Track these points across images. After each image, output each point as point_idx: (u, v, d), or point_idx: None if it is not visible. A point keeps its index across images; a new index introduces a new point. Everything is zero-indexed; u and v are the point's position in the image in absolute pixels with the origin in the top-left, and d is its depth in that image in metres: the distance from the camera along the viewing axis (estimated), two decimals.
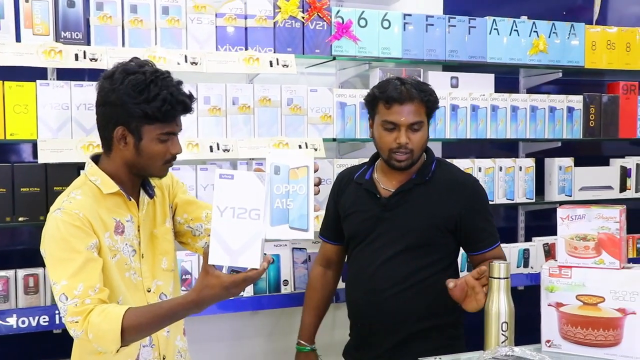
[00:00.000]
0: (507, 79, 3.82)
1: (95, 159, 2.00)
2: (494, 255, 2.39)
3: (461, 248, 2.49)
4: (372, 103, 2.38)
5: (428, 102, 2.33)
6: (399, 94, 2.29)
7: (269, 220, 1.64)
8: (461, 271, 2.52)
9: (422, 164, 2.42)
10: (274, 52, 3.07)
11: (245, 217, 1.58)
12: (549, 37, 3.61)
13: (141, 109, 1.83)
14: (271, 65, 2.99)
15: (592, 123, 3.73)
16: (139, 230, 1.98)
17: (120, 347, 1.75)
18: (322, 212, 2.69)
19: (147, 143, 1.89)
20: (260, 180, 1.59)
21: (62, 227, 1.81)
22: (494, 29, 3.50)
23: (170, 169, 2.04)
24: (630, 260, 2.28)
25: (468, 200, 2.38)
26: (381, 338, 2.35)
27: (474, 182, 2.48)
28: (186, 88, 1.95)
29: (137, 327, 1.76)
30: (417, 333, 2.33)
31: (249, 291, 2.97)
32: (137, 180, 1.99)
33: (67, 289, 1.77)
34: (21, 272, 2.74)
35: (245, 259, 1.59)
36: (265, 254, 1.65)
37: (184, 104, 1.89)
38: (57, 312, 2.67)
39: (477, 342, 2.10)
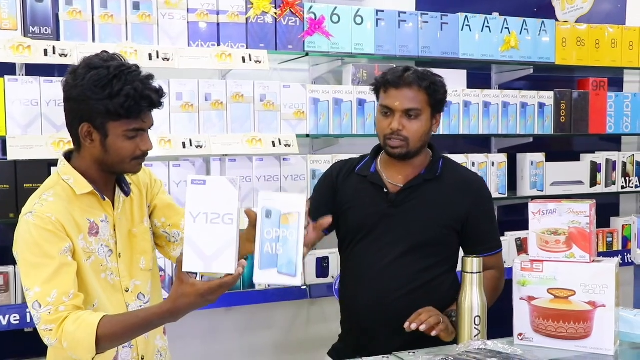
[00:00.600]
0: (479, 75, 3.85)
1: (68, 155, 1.95)
2: (492, 261, 2.36)
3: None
4: (376, 89, 2.33)
5: (428, 89, 2.24)
6: (396, 78, 2.24)
7: (257, 263, 1.63)
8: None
9: (429, 160, 2.37)
10: (247, 48, 3.06)
11: (219, 222, 1.56)
12: (520, 33, 3.65)
13: (103, 105, 1.77)
14: (244, 61, 2.98)
15: (563, 119, 3.78)
16: (114, 230, 1.94)
17: (96, 354, 1.73)
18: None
19: (114, 140, 1.83)
20: (232, 184, 1.58)
21: (34, 231, 1.77)
22: (466, 25, 3.52)
23: (144, 166, 2.01)
24: (600, 254, 2.31)
25: (477, 200, 2.34)
26: (386, 340, 2.23)
27: (483, 182, 2.44)
28: (158, 84, 1.89)
29: (112, 336, 1.74)
30: (423, 335, 2.15)
31: (193, 272, 2.94)
32: (110, 177, 1.94)
33: (40, 296, 1.74)
34: None
35: (220, 265, 1.57)
36: (242, 258, 1.64)
37: (150, 99, 1.82)
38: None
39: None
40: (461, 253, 2.41)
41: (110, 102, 1.77)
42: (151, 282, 2.05)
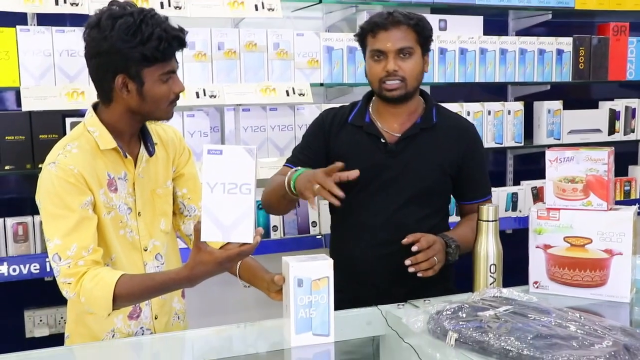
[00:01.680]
0: (496, 21, 3.78)
1: (95, 106, 1.92)
2: None
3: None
4: (362, 37, 2.30)
5: (417, 26, 2.22)
6: (383, 20, 2.22)
7: (293, 328, 1.72)
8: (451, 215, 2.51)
9: (423, 108, 2.35)
10: None
11: (236, 192, 1.57)
12: None
13: (139, 51, 1.74)
14: (256, 9, 2.94)
15: (581, 65, 3.71)
16: (133, 188, 1.94)
17: (112, 311, 1.77)
18: None
19: (150, 86, 1.80)
20: (249, 154, 1.57)
21: (56, 182, 1.77)
22: None
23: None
24: (617, 203, 2.29)
25: (470, 145, 2.35)
26: (387, 292, 2.22)
27: (475, 129, 2.44)
28: (177, 26, 1.86)
29: (128, 296, 1.77)
30: (426, 282, 2.16)
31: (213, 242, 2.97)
32: (136, 130, 1.92)
33: (60, 249, 1.76)
34: (10, 221, 2.73)
35: (238, 234, 1.58)
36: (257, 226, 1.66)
37: (179, 38, 1.82)
38: (47, 260, 2.67)
39: (466, 284, 2.13)
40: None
41: (144, 48, 1.74)
42: (168, 245, 2.06)
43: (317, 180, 2.00)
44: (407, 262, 2.07)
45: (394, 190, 2.28)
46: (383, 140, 2.29)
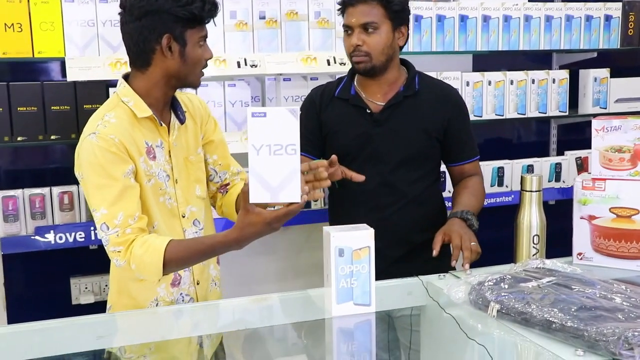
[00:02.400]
0: None
1: (126, 78, 1.96)
2: (472, 168, 2.46)
3: None
4: (341, 12, 2.37)
5: (382, 1, 2.26)
6: None
7: (334, 298, 1.72)
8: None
9: (405, 77, 2.41)
10: None
11: (282, 152, 1.58)
12: None
13: (187, 10, 1.81)
14: None
15: (630, 31, 3.60)
16: (170, 156, 1.97)
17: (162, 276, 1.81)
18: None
19: (191, 48, 1.87)
20: (293, 114, 1.59)
21: (98, 152, 1.80)
22: None
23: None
24: None
25: (454, 109, 2.42)
26: (384, 255, 2.24)
27: (458, 93, 2.52)
28: None
29: (178, 261, 1.81)
30: (421, 244, 2.29)
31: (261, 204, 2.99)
32: (169, 98, 1.96)
33: (108, 218, 1.79)
34: (56, 190, 2.79)
35: (286, 194, 1.60)
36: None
37: (216, 4, 1.90)
38: (92, 228, 2.73)
39: (503, 256, 2.11)
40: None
41: (192, 7, 1.82)
42: (204, 210, 2.09)
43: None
44: (453, 262, 2.07)
45: (384, 157, 2.37)
46: (369, 111, 2.38)
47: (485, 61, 3.69)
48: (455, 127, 2.41)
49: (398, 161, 2.37)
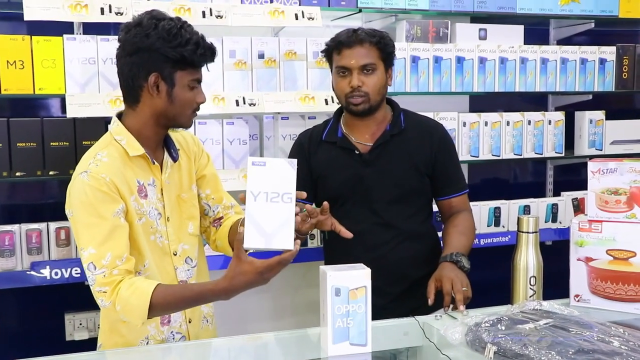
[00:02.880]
0: (537, 30, 3.74)
1: (119, 116, 1.98)
2: (460, 202, 2.48)
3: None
4: (328, 54, 2.41)
5: (379, 44, 2.33)
6: (347, 38, 2.33)
7: (330, 338, 1.72)
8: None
9: (391, 115, 2.45)
10: (299, 5, 3.03)
11: (278, 200, 1.64)
12: None
13: (177, 52, 1.82)
14: (297, 18, 2.96)
15: (625, 75, 3.64)
16: (162, 194, 1.98)
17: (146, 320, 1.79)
18: None
19: (179, 90, 1.88)
20: (290, 166, 1.66)
21: (89, 191, 1.80)
22: None
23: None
24: None
25: (440, 143, 2.44)
26: (384, 292, 2.30)
27: (444, 128, 2.54)
28: (210, 41, 1.93)
29: (164, 306, 1.79)
30: (419, 279, 2.32)
31: (254, 249, 2.98)
32: (161, 137, 1.97)
33: (95, 257, 1.79)
34: (53, 225, 2.79)
35: (280, 241, 1.63)
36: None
37: (212, 50, 1.90)
38: None
39: (500, 297, 2.10)
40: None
41: (183, 49, 1.83)
42: (198, 247, 2.09)
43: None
44: (445, 309, 2.07)
45: (376, 197, 2.39)
46: (357, 152, 2.41)
47: (481, 102, 3.72)
48: (441, 161, 2.43)
49: (391, 199, 2.39)
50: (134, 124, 1.92)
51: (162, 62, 1.84)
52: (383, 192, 2.39)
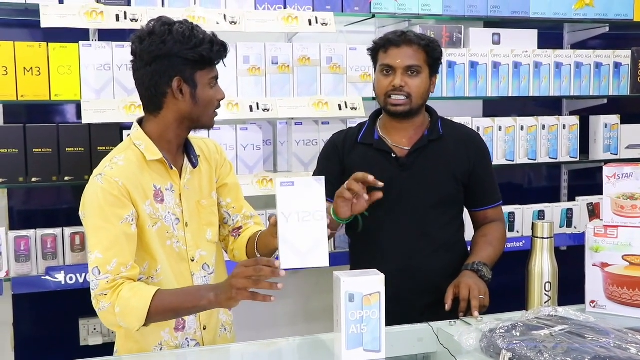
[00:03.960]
0: (551, 34, 3.73)
1: (140, 122, 1.98)
2: (494, 214, 2.45)
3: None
4: (374, 52, 2.38)
5: (427, 47, 2.30)
6: (397, 37, 2.31)
7: (344, 344, 1.71)
8: None
9: (429, 121, 2.41)
10: (313, 11, 3.04)
11: (310, 219, 1.65)
12: None
13: (196, 52, 1.84)
14: (310, 24, 2.97)
15: None
16: (180, 199, 1.98)
17: (142, 326, 1.79)
18: None
19: (201, 90, 1.89)
20: (319, 183, 1.68)
21: (100, 194, 1.81)
22: None
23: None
24: None
25: (478, 153, 2.41)
26: (413, 303, 2.29)
27: (481, 137, 2.51)
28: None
29: (163, 309, 1.78)
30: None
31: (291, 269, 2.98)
32: (181, 141, 1.98)
33: (101, 262, 1.79)
34: (68, 230, 2.81)
35: (316, 259, 1.66)
36: None
37: (225, 45, 1.92)
38: None
39: (515, 303, 2.09)
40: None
41: (200, 49, 1.85)
42: (216, 254, 2.08)
43: (350, 187, 2.04)
44: (460, 314, 2.07)
45: (411, 202, 2.33)
46: (394, 155, 2.35)
47: (495, 107, 3.72)
48: (479, 171, 2.39)
49: (427, 206, 2.33)
50: (155, 130, 1.93)
51: (182, 65, 1.85)
52: (418, 197, 2.33)
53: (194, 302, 1.78)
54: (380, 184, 2.04)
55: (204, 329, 2.03)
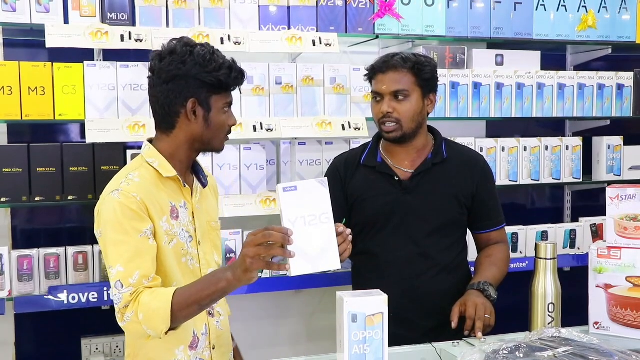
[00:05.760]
0: (554, 56, 3.75)
1: (150, 142, 1.99)
2: (498, 236, 2.44)
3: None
4: (369, 79, 2.39)
5: (414, 69, 2.28)
6: (381, 64, 2.31)
7: None
8: None
9: (433, 144, 2.41)
10: (317, 31, 3.06)
11: (317, 222, 1.62)
12: (599, 12, 3.52)
13: (214, 77, 1.86)
14: (314, 45, 2.98)
15: None
16: (193, 217, 1.99)
17: (170, 328, 1.75)
18: None
19: (215, 114, 1.91)
20: (322, 185, 1.64)
21: (118, 209, 1.81)
22: (541, 4, 3.43)
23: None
24: None
25: (482, 176, 2.40)
26: (417, 325, 2.28)
27: (485, 160, 2.51)
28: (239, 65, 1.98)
29: (185, 303, 1.74)
30: (450, 315, 2.19)
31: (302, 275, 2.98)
32: (191, 162, 1.99)
33: (123, 276, 1.78)
34: (71, 250, 2.80)
35: (326, 262, 1.63)
36: None
37: (242, 73, 1.94)
38: (105, 288, 2.73)
39: (518, 323, 2.08)
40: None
41: (218, 74, 1.86)
42: None
43: None
44: (465, 332, 2.08)
45: (414, 225, 2.32)
46: (397, 178, 2.35)
47: (498, 127, 3.72)
48: (483, 194, 2.39)
49: (429, 229, 2.32)
50: (166, 148, 1.94)
51: (198, 87, 1.87)
52: (422, 220, 2.32)
53: (213, 287, 1.74)
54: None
55: (213, 348, 2.02)
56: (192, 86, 1.87)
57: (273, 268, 1.66)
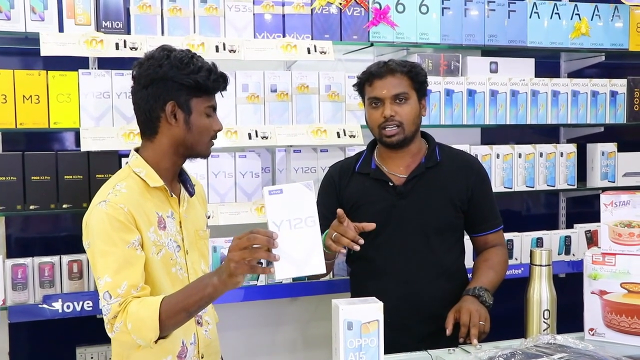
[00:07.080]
0: (547, 63, 3.76)
1: (137, 150, 2.00)
2: (495, 238, 2.44)
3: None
4: (360, 87, 2.41)
5: (410, 73, 2.32)
6: (378, 69, 2.33)
7: None
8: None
9: (426, 148, 2.42)
10: (312, 39, 3.06)
11: (302, 226, 1.62)
12: (592, 19, 3.54)
13: (191, 79, 1.86)
14: (309, 52, 2.99)
15: (636, 107, 3.65)
16: (180, 227, 1.99)
17: (159, 337, 1.75)
18: None
19: (196, 117, 1.91)
20: (308, 188, 1.64)
21: (106, 220, 1.81)
22: (534, 12, 3.44)
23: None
24: None
25: (477, 178, 2.41)
26: (414, 331, 2.28)
27: (479, 162, 2.52)
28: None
29: (173, 311, 1.74)
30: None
31: (287, 278, 2.98)
32: (177, 169, 1.99)
33: (111, 286, 1.78)
34: (65, 258, 2.80)
35: (312, 266, 1.63)
36: None
37: (224, 77, 1.94)
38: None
39: (513, 330, 2.08)
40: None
41: (196, 76, 1.87)
42: None
43: (337, 231, 2.09)
44: (460, 340, 2.08)
45: (410, 230, 2.33)
46: (391, 184, 2.36)
47: (493, 134, 3.73)
48: (478, 197, 2.39)
49: (426, 233, 2.33)
50: (152, 156, 1.94)
51: (177, 90, 1.87)
52: (417, 225, 2.33)
53: (200, 293, 1.74)
54: (373, 226, 2.10)
55: (202, 357, 2.02)
56: (170, 88, 1.87)
57: (258, 271, 1.65)
